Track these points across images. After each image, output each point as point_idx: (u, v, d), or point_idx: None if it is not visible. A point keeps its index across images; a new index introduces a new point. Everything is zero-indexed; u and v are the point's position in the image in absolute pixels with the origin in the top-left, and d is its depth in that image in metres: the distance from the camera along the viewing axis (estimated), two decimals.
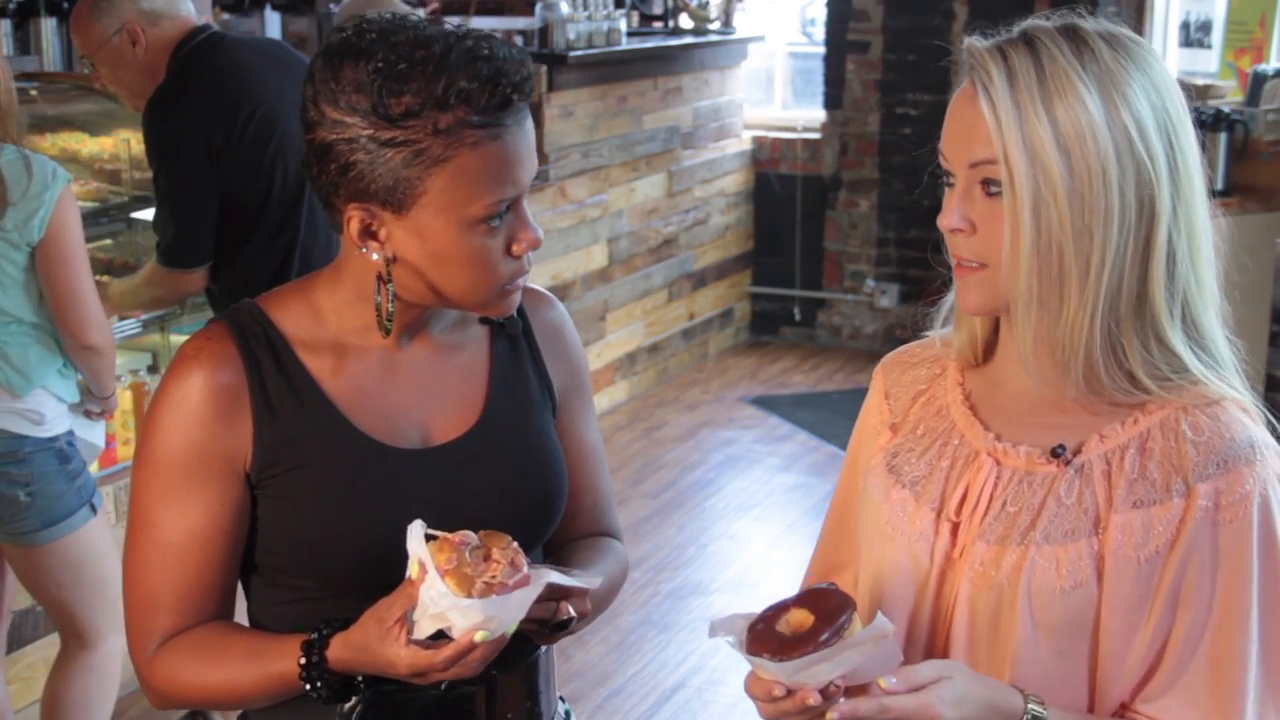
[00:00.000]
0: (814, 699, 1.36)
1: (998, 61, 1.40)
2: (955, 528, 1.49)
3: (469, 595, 1.38)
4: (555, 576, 1.47)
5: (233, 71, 3.37)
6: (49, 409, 2.98)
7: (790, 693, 1.38)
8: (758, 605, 1.45)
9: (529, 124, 1.52)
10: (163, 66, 3.37)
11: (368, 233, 1.52)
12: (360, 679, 1.53)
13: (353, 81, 1.47)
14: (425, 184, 1.47)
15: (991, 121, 1.38)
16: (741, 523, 5.21)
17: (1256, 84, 5.94)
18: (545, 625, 1.51)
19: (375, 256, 1.52)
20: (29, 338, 2.95)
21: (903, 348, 1.67)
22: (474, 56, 1.47)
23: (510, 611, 1.40)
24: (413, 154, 1.46)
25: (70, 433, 3.04)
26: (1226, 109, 5.85)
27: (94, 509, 3.06)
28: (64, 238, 2.93)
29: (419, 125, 1.46)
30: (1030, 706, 1.40)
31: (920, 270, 7.15)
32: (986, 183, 1.41)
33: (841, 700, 1.37)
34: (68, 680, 3.11)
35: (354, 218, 1.51)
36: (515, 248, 1.53)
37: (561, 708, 1.78)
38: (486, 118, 1.47)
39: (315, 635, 1.50)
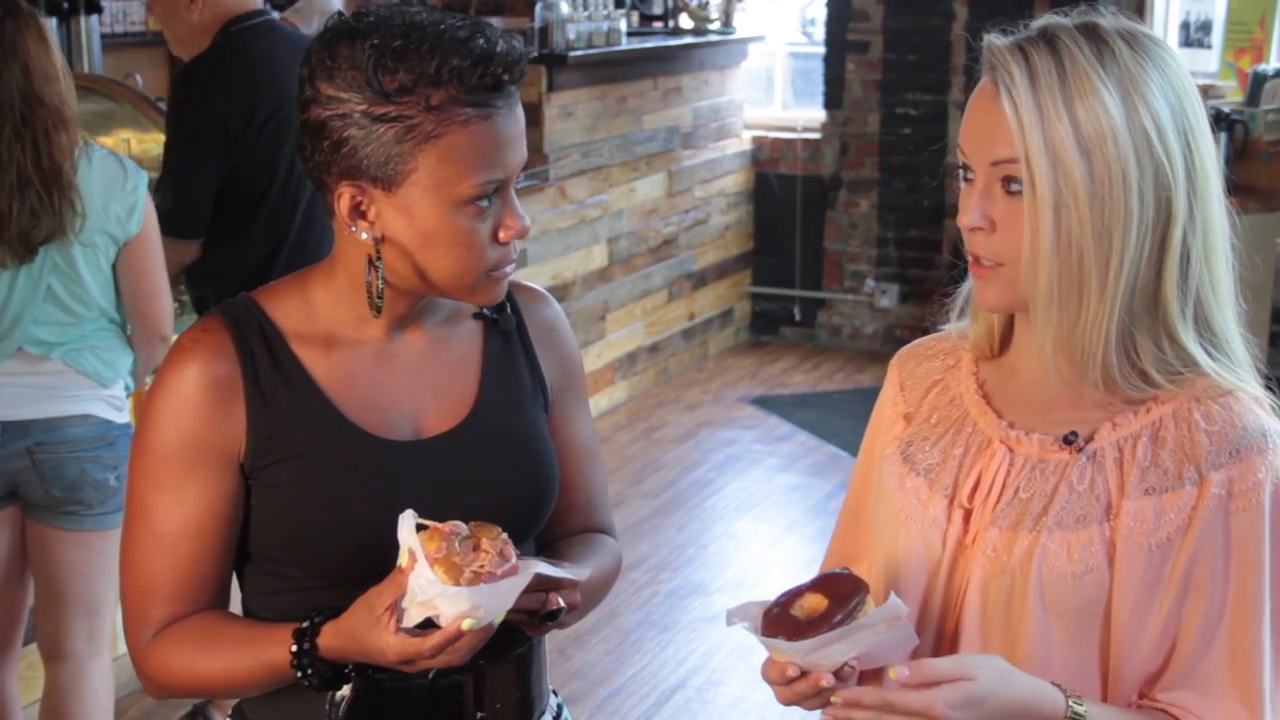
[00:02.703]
0: (827, 680, 1.37)
1: (1019, 61, 1.39)
2: (968, 514, 1.50)
3: (457, 584, 1.40)
4: (544, 567, 1.48)
5: (268, 64, 3.38)
6: (123, 396, 3.03)
7: (804, 674, 1.39)
8: None
9: (519, 110, 1.55)
10: (211, 34, 3.39)
11: (357, 211, 1.54)
12: (350, 667, 1.54)
13: (349, 59, 1.49)
14: (416, 160, 1.49)
15: (1014, 121, 1.39)
16: (741, 523, 5.22)
17: (1256, 84, 5.94)
18: (534, 615, 1.52)
19: (365, 236, 1.54)
20: (112, 335, 2.98)
21: (918, 340, 1.68)
22: (468, 37, 1.50)
23: (497, 601, 1.42)
24: (405, 129, 1.49)
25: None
26: (1226, 109, 5.84)
27: None
28: (152, 230, 2.97)
29: (412, 101, 1.48)
30: (1071, 705, 1.39)
31: (920, 270, 7.15)
32: (1007, 180, 1.41)
33: (848, 686, 1.38)
34: (69, 705, 3.07)
35: (345, 194, 1.53)
36: (502, 234, 1.55)
37: (554, 701, 1.79)
38: (478, 96, 1.49)
39: (307, 623, 1.52)
